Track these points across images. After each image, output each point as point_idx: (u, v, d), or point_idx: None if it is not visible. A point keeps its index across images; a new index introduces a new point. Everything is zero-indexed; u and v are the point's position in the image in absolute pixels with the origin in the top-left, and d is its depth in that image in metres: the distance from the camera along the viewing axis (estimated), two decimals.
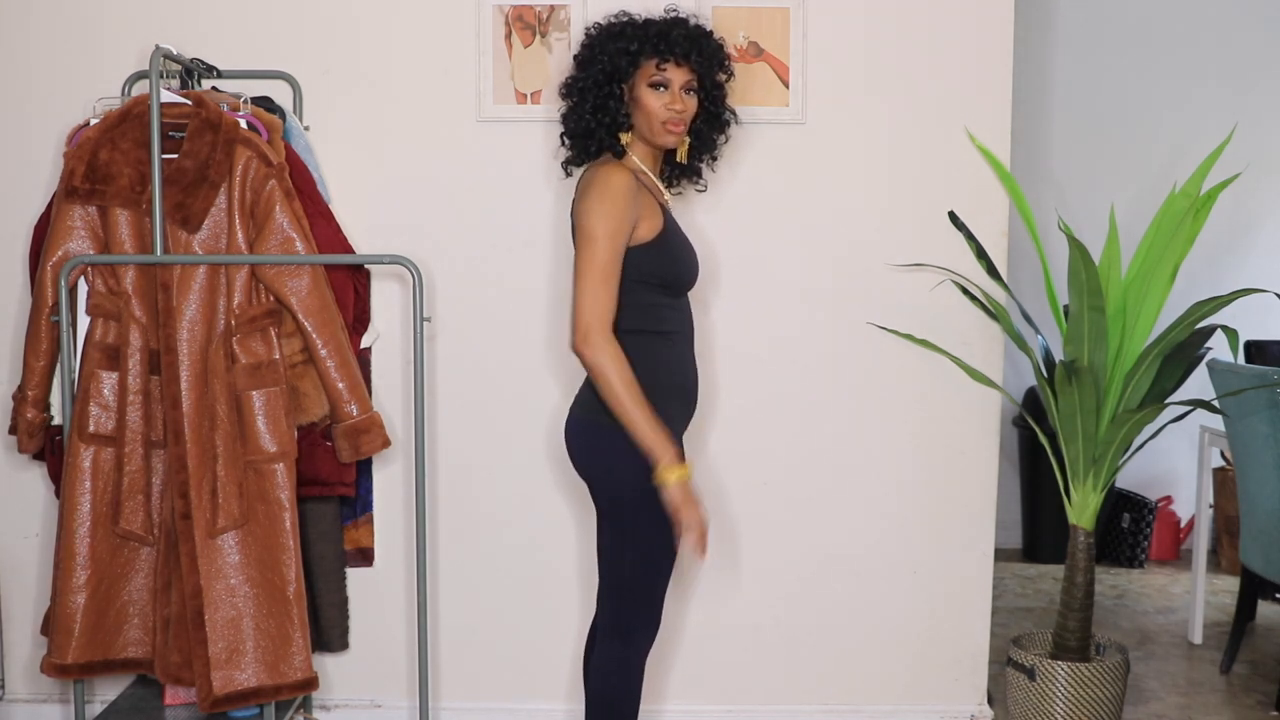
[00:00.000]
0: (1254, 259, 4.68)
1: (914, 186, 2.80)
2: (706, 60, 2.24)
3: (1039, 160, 4.61)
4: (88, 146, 2.44)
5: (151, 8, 2.75)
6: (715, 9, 2.72)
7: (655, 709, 2.89)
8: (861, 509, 2.88)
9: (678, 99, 2.21)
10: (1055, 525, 4.47)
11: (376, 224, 2.78)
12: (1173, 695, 3.22)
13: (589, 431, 2.18)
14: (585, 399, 2.20)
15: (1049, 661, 2.73)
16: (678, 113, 2.21)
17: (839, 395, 2.85)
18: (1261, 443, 3.11)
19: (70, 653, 2.45)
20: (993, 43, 2.78)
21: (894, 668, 2.92)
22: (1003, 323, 2.75)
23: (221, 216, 2.45)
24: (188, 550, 2.40)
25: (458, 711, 2.91)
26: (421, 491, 2.56)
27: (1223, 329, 2.63)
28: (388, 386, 2.81)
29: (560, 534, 2.87)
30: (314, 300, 2.47)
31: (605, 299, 2.07)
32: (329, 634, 2.73)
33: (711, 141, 2.37)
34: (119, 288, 2.46)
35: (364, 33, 2.77)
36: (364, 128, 2.78)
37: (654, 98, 2.20)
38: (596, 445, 2.17)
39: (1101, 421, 2.67)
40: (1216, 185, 2.71)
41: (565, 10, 2.73)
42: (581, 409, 2.21)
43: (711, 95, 2.30)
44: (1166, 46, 4.62)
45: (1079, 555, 2.75)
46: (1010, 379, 4.41)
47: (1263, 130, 4.60)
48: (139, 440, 2.46)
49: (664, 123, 2.21)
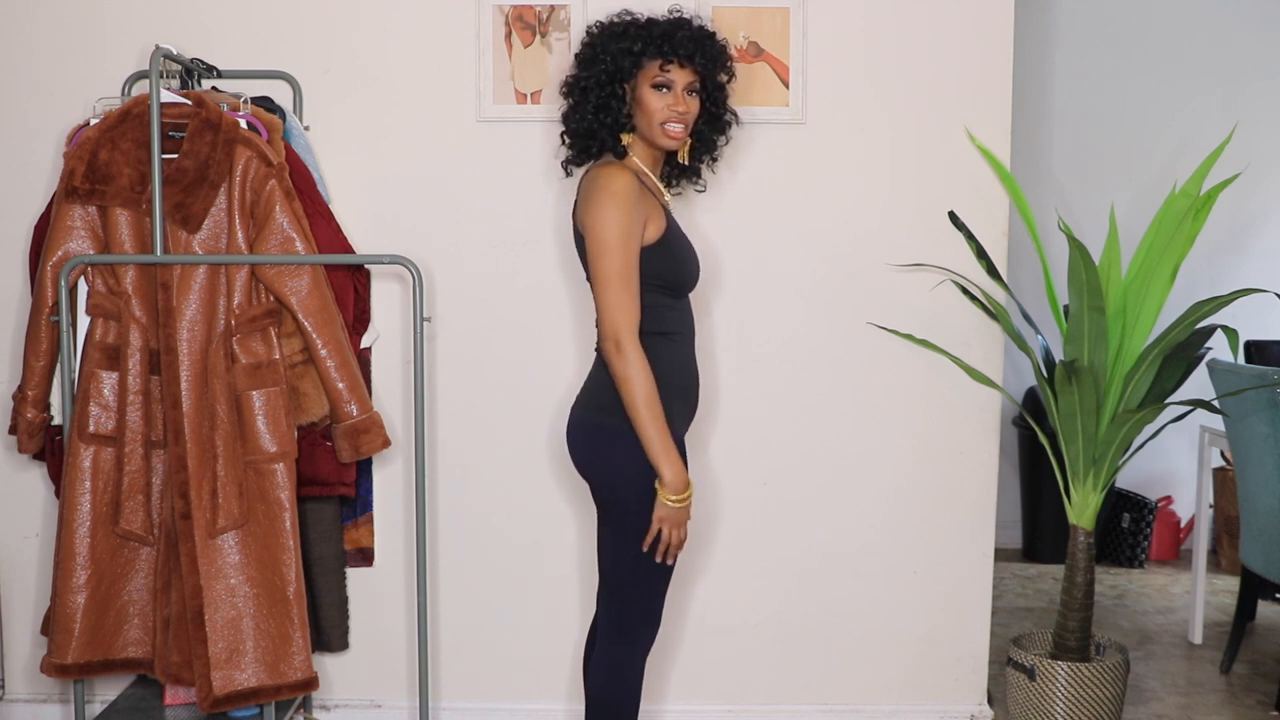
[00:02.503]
0: (1254, 259, 4.68)
1: (914, 186, 2.80)
2: (710, 62, 2.24)
3: (1039, 160, 4.61)
4: (88, 146, 2.44)
5: (151, 8, 2.75)
6: (715, 9, 2.72)
7: (655, 709, 2.89)
8: (861, 509, 2.88)
9: (680, 100, 2.20)
10: (1055, 525, 4.47)
11: (376, 224, 2.78)
12: (1173, 695, 3.22)
13: (591, 431, 2.18)
14: (589, 399, 2.20)
15: (1049, 661, 2.73)
16: (680, 114, 2.20)
17: (839, 395, 2.85)
18: (1261, 443, 3.11)
19: (70, 653, 2.45)
20: (993, 43, 2.78)
21: (894, 668, 2.92)
22: (1003, 323, 2.75)
23: (221, 216, 2.45)
24: (188, 550, 2.40)
25: (458, 711, 2.91)
26: (421, 491, 2.56)
27: (1223, 329, 2.63)
28: (388, 386, 2.81)
29: (560, 534, 2.87)
30: (314, 300, 2.47)
31: (630, 305, 2.08)
32: (329, 634, 2.73)
33: (712, 143, 2.37)
34: (119, 288, 2.46)
35: (364, 33, 2.77)
36: (364, 128, 2.78)
37: (656, 99, 2.20)
38: (599, 445, 2.17)
39: (1101, 421, 2.67)
40: (1216, 185, 2.71)
41: (565, 10, 2.73)
42: (584, 409, 2.20)
43: (713, 96, 2.30)
44: (1166, 47, 4.62)
45: (1079, 555, 2.75)
46: (1010, 379, 4.42)
47: (1262, 130, 4.60)
48: (139, 440, 2.46)
49: (665, 123, 2.20)
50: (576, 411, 2.22)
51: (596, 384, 2.19)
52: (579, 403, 2.22)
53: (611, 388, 2.11)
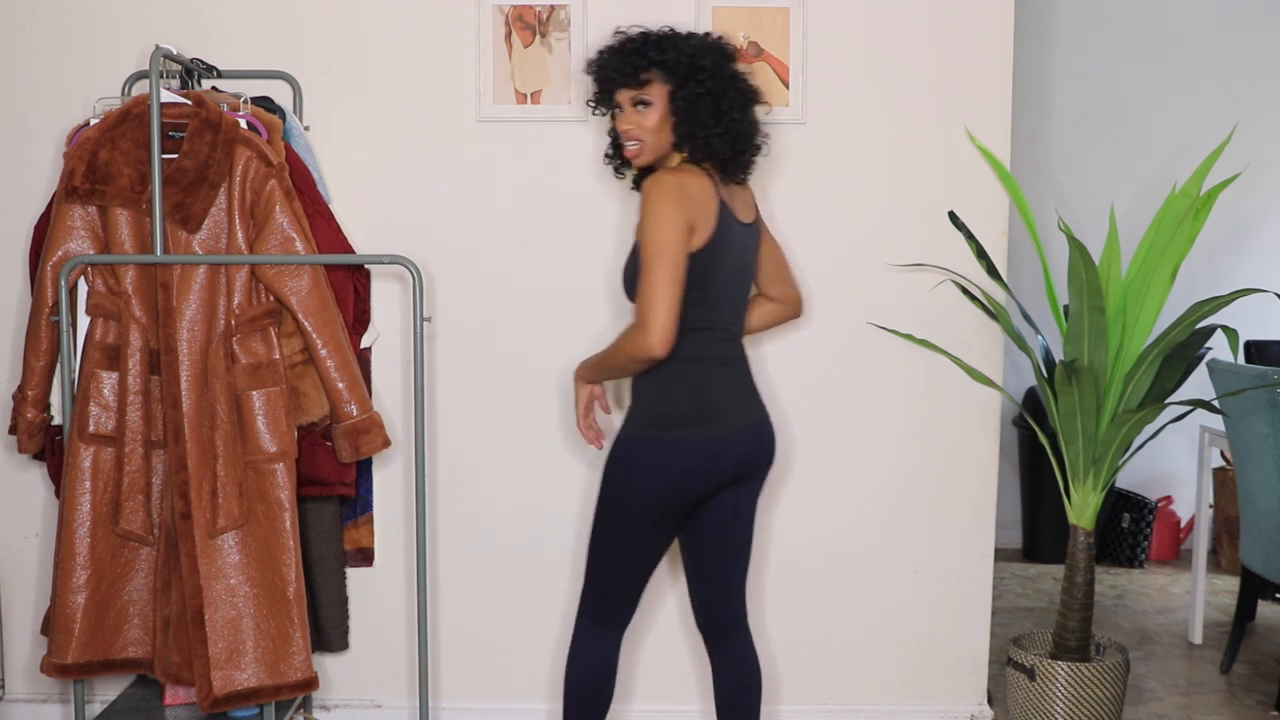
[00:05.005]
0: (1254, 259, 4.68)
1: (914, 186, 2.80)
2: (628, 70, 2.17)
3: (1039, 160, 4.61)
4: (88, 146, 2.44)
5: (151, 8, 2.75)
6: (715, 9, 2.72)
7: (655, 708, 2.89)
8: (861, 508, 2.88)
9: (626, 118, 2.22)
10: (1055, 525, 4.47)
11: (376, 224, 2.78)
12: (1173, 695, 3.22)
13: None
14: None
15: (1049, 661, 2.73)
16: (625, 131, 2.23)
17: (839, 395, 2.85)
18: (1261, 443, 3.11)
19: (70, 653, 2.45)
20: (993, 43, 2.78)
21: (894, 668, 2.92)
22: (1003, 323, 2.75)
23: (221, 216, 2.45)
24: (188, 550, 2.40)
25: (458, 711, 2.91)
26: (421, 491, 2.56)
27: (1223, 329, 2.63)
28: (388, 386, 2.81)
29: (561, 534, 2.87)
30: (314, 300, 2.47)
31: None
32: (329, 634, 2.73)
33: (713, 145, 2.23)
34: (119, 288, 2.46)
35: (364, 33, 2.77)
36: (364, 128, 2.78)
37: (616, 120, 2.26)
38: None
39: (1101, 421, 2.67)
40: (1216, 185, 2.71)
41: (565, 10, 2.73)
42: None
43: (684, 98, 2.17)
44: (1166, 46, 4.62)
45: (1079, 555, 2.75)
46: (1010, 379, 4.42)
47: (1263, 130, 4.60)
48: (139, 440, 2.46)
49: (623, 143, 2.25)
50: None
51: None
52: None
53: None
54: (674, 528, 2.24)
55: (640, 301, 2.08)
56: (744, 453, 2.24)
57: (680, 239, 2.07)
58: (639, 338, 2.07)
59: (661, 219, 2.06)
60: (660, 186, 2.09)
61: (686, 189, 2.11)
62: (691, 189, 2.12)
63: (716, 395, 2.21)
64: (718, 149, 2.19)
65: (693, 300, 2.13)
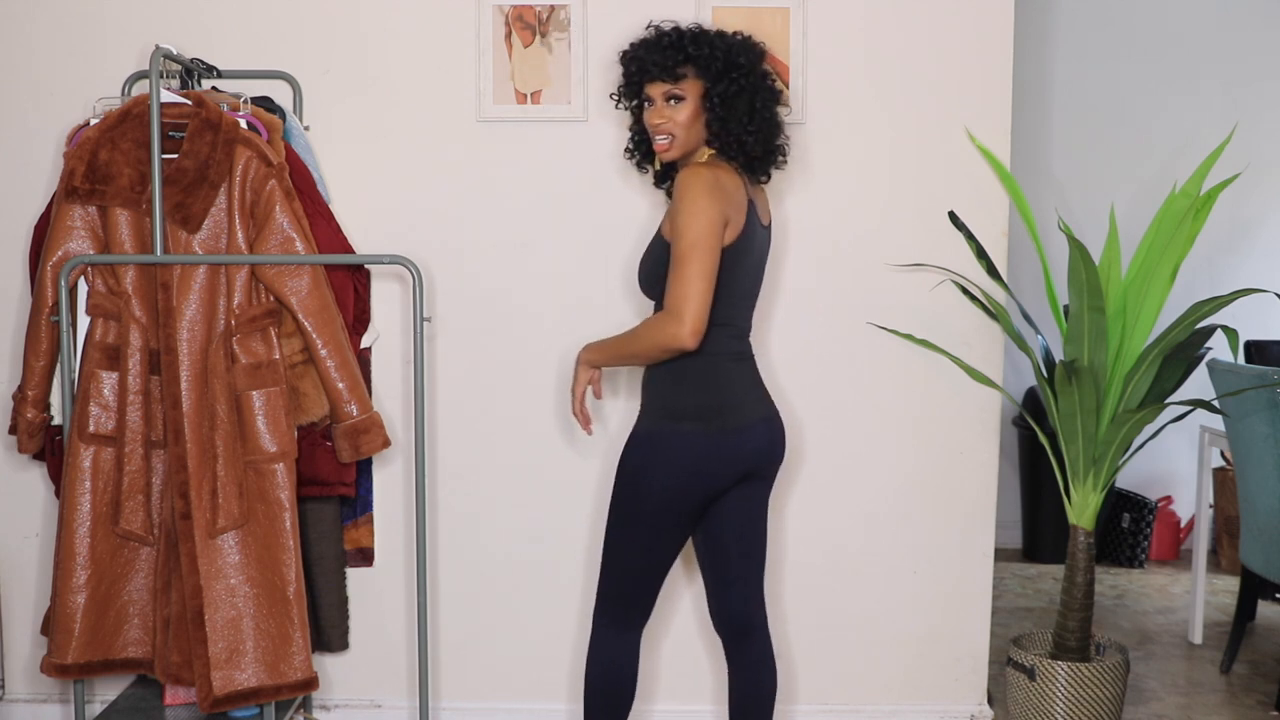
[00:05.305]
0: (1254, 259, 4.68)
1: (914, 186, 2.80)
2: (665, 64, 2.19)
3: (1039, 160, 4.61)
4: (88, 146, 2.44)
5: (151, 8, 2.75)
6: (715, 9, 2.72)
7: (654, 708, 2.89)
8: (861, 508, 2.88)
9: (658, 112, 2.23)
10: (1055, 525, 4.47)
11: (376, 224, 2.78)
12: (1173, 695, 3.22)
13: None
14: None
15: (1049, 661, 2.73)
16: (656, 126, 2.23)
17: (838, 395, 2.85)
18: (1261, 443, 3.11)
19: (70, 653, 2.45)
20: (993, 43, 2.78)
21: (894, 668, 2.92)
22: (1003, 323, 2.75)
23: (221, 216, 2.45)
24: (188, 550, 2.40)
25: (458, 711, 2.91)
26: (421, 491, 2.56)
27: (1223, 329, 2.63)
28: (388, 386, 2.81)
29: (561, 534, 2.87)
30: (314, 300, 2.47)
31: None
32: (329, 634, 2.73)
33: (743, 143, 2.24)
34: (119, 288, 2.47)
35: (364, 33, 2.77)
36: (364, 128, 2.78)
37: (646, 114, 2.26)
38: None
39: (1101, 421, 2.67)
40: (1216, 185, 2.71)
41: (565, 10, 2.73)
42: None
43: (720, 93, 2.19)
44: (1166, 47, 4.62)
45: (1079, 555, 2.75)
46: (1010, 379, 4.42)
47: (1263, 130, 4.60)
48: (139, 440, 2.46)
49: (654, 138, 2.25)
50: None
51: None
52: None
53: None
54: (689, 524, 2.24)
55: (674, 291, 2.07)
56: (758, 447, 2.24)
57: (717, 232, 2.08)
58: (671, 327, 2.06)
59: (701, 211, 2.07)
60: (698, 179, 2.10)
61: (722, 183, 2.12)
62: (727, 184, 2.14)
63: (731, 390, 2.21)
64: (750, 146, 2.21)
65: (716, 296, 2.14)
